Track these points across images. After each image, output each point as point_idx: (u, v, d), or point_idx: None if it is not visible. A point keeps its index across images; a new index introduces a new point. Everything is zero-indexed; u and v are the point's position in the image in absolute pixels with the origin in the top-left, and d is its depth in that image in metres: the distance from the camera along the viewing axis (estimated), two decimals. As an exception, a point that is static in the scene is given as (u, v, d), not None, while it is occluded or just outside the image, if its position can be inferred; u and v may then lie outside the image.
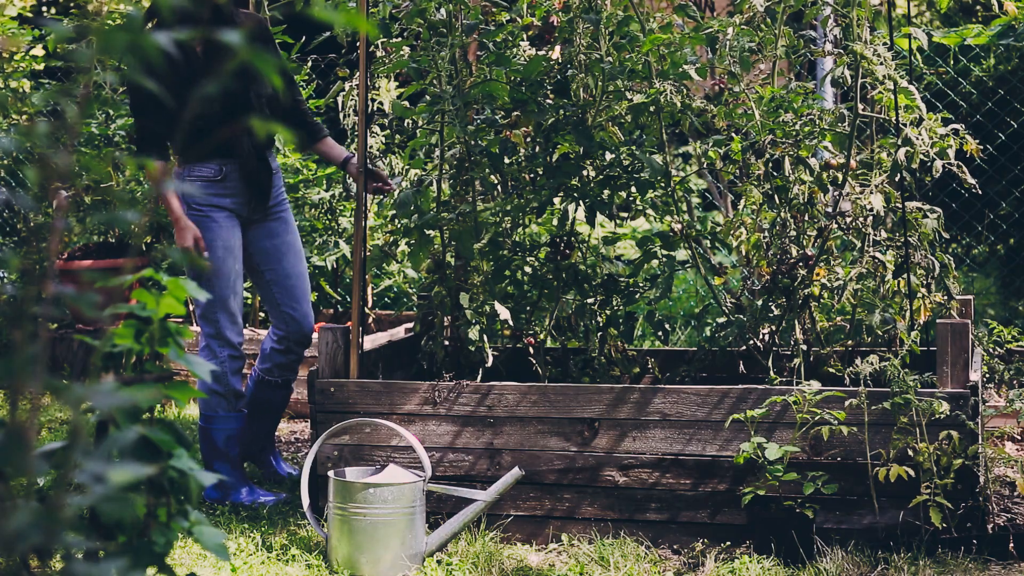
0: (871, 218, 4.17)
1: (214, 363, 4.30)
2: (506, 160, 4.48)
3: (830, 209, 4.22)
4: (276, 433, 5.51)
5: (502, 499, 3.82)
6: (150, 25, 4.13)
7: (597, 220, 4.50)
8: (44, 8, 8.38)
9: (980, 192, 4.47)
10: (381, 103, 5.46)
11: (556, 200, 4.50)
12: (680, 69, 4.26)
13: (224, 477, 3.78)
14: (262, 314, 6.39)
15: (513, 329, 4.44)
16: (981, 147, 4.25)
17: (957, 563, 3.55)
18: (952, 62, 7.00)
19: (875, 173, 4.19)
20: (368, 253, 5.37)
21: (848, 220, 4.22)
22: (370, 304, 6.13)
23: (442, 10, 4.31)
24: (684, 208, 4.48)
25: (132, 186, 6.33)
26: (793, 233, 4.20)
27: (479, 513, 3.73)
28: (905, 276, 4.15)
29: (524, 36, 4.46)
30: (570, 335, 4.57)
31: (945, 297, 4.21)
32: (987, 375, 4.72)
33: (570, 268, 4.43)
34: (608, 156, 4.44)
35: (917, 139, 4.02)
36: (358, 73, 4.46)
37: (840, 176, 4.15)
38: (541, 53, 4.35)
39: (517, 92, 4.39)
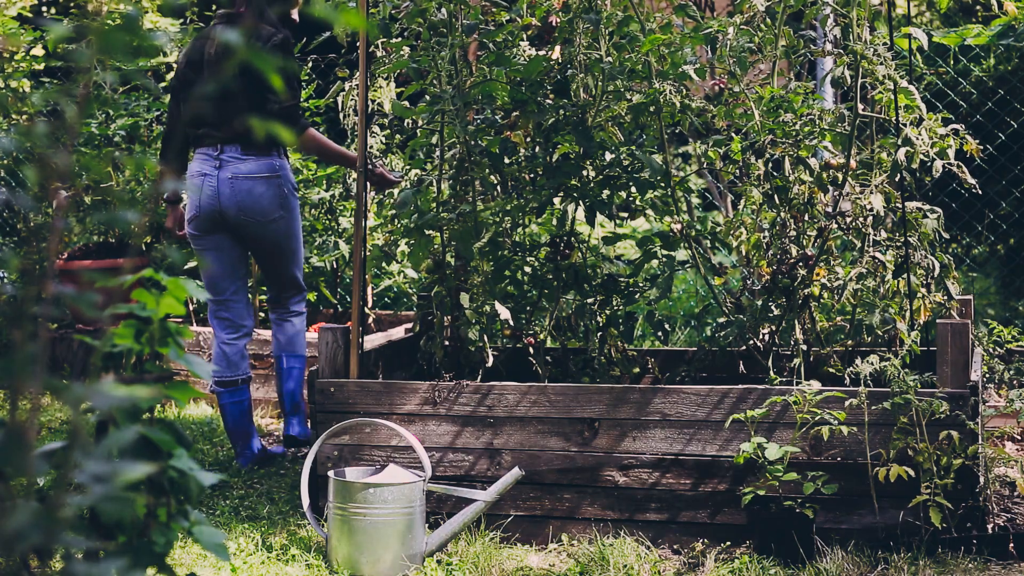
0: (871, 218, 4.17)
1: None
2: (506, 160, 4.48)
3: (830, 209, 4.22)
4: (276, 432, 5.51)
5: (502, 499, 3.82)
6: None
7: (597, 220, 4.50)
8: (44, 8, 8.38)
9: (980, 192, 4.47)
10: (381, 103, 5.45)
11: (556, 200, 4.49)
12: (680, 69, 4.26)
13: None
14: (262, 314, 6.38)
15: (513, 329, 4.44)
16: (981, 147, 4.25)
17: (957, 563, 3.55)
18: (952, 62, 7.00)
19: (875, 173, 4.19)
20: (368, 253, 5.37)
21: (848, 220, 4.22)
22: (370, 304, 6.12)
23: (442, 10, 4.31)
24: (684, 208, 4.48)
25: (132, 186, 6.33)
26: (793, 233, 4.20)
27: (479, 513, 3.73)
28: (905, 276, 4.14)
29: (524, 36, 4.46)
30: (570, 335, 4.57)
31: (945, 297, 4.21)
32: (987, 375, 4.72)
33: (570, 268, 4.43)
34: (608, 156, 4.44)
35: (917, 139, 4.02)
36: (358, 73, 4.46)
37: (840, 176, 4.15)
38: (541, 53, 4.35)
39: (517, 92, 4.39)
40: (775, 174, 4.20)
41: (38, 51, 6.71)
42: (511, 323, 4.37)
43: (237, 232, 4.63)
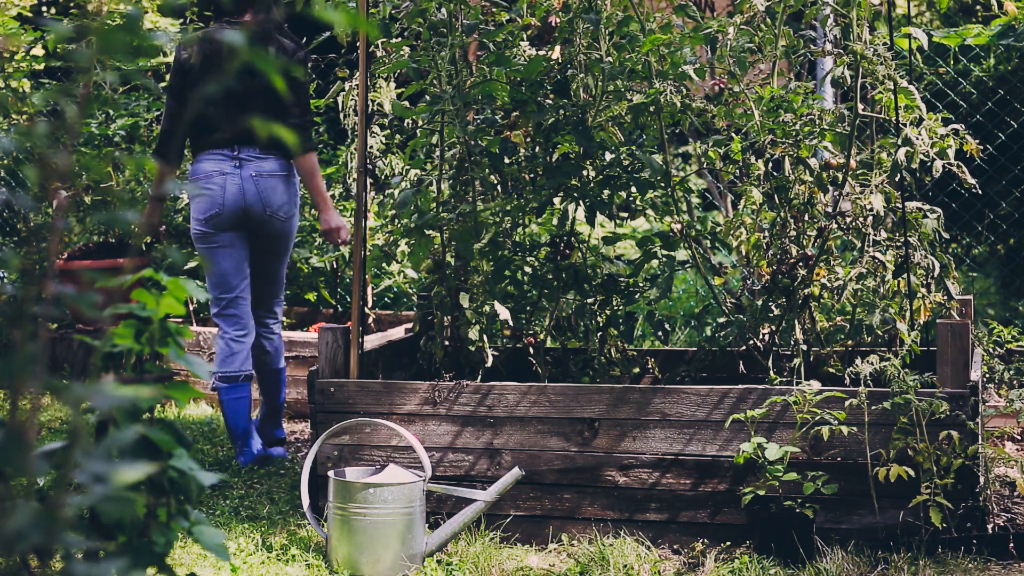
0: (871, 218, 4.17)
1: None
2: (506, 160, 4.48)
3: (830, 209, 4.22)
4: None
5: (502, 499, 3.82)
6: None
7: (597, 220, 4.50)
8: (44, 8, 8.37)
9: (980, 192, 4.47)
10: (381, 103, 5.45)
11: (556, 200, 4.49)
12: (680, 69, 4.26)
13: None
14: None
15: (513, 329, 4.44)
16: (981, 147, 4.25)
17: (957, 563, 3.55)
18: (952, 62, 7.00)
19: (875, 173, 4.19)
20: (368, 253, 5.37)
21: (848, 220, 4.22)
22: (370, 304, 6.12)
23: (442, 10, 4.31)
24: (684, 208, 4.48)
25: (132, 186, 6.33)
26: (793, 233, 4.20)
27: (479, 513, 3.73)
28: (905, 276, 4.14)
29: (524, 36, 4.46)
30: (570, 335, 4.57)
31: (945, 297, 4.21)
32: (987, 375, 4.72)
33: (570, 268, 4.43)
34: (608, 156, 4.44)
35: (917, 139, 4.02)
36: (358, 73, 4.46)
37: (840, 176, 4.15)
38: (541, 53, 4.35)
39: (517, 92, 4.39)
40: (775, 174, 4.20)
41: (38, 51, 6.71)
42: (511, 323, 4.37)
43: (257, 229, 4.69)
